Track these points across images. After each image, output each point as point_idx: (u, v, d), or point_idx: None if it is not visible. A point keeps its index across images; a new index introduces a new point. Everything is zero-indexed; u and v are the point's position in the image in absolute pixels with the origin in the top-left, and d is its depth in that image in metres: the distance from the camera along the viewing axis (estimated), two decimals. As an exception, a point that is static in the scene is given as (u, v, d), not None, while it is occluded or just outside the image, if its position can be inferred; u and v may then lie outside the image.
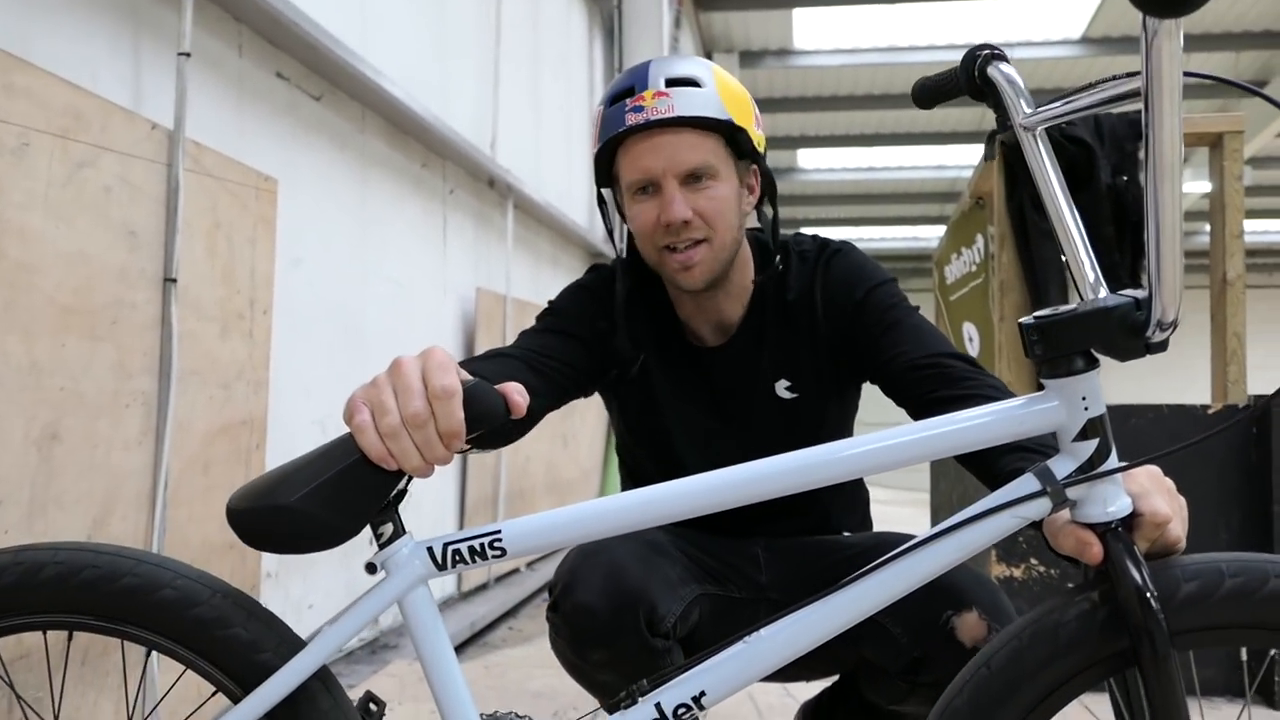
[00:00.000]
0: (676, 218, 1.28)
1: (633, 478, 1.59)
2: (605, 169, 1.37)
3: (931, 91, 1.12)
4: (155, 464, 1.93)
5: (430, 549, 0.94)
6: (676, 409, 1.46)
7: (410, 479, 0.93)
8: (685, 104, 1.27)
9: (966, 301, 3.34)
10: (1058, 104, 0.93)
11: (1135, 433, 2.48)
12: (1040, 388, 0.94)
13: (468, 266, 4.04)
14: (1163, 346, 0.86)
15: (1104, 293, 0.89)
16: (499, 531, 0.93)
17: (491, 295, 4.17)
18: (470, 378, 0.92)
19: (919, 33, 9.30)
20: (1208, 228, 2.65)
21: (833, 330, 1.40)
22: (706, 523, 1.25)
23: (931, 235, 15.15)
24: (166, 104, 2.00)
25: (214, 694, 0.98)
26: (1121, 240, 2.56)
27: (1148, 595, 0.85)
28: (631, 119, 1.27)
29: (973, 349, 3.25)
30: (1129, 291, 0.88)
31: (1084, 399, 0.89)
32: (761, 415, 1.45)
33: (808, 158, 12.96)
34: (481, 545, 0.93)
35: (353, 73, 2.78)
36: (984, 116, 11.04)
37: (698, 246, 1.31)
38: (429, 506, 3.59)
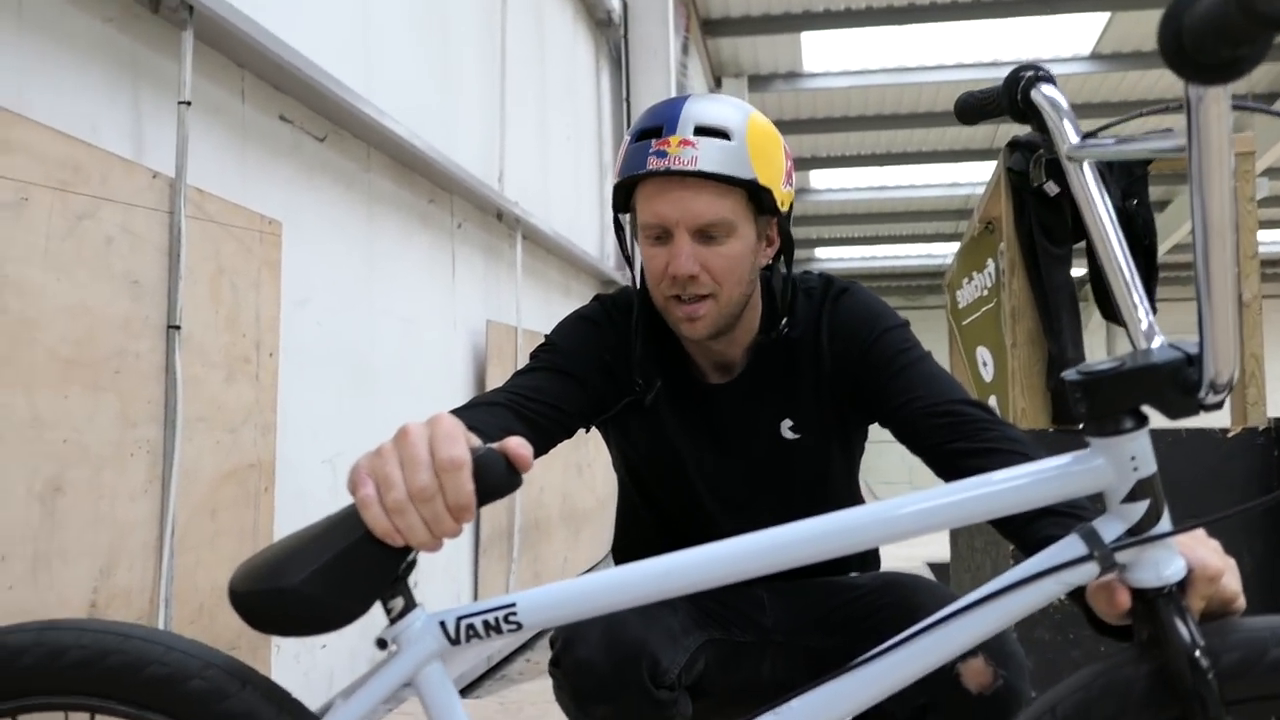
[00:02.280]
0: (682, 272, 1.26)
1: (638, 513, 1.56)
2: (625, 198, 1.34)
3: (974, 109, 1.09)
4: (161, 512, 1.92)
5: (443, 623, 0.90)
6: (686, 440, 1.44)
7: (418, 551, 0.89)
8: (709, 158, 1.22)
9: (979, 325, 3.31)
10: (1109, 141, 0.88)
11: (1153, 458, 2.44)
12: (1055, 423, 0.90)
13: (477, 299, 4.04)
14: (1218, 406, 0.80)
15: (1158, 342, 0.84)
16: (514, 605, 0.89)
17: (502, 327, 4.16)
18: (479, 444, 0.88)
19: (927, 53, 9.29)
20: (1221, 247, 2.61)
21: (838, 372, 1.37)
22: None
23: (945, 252, 15.11)
24: (168, 152, 2.01)
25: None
26: (1135, 265, 2.52)
27: (1200, 661, 0.81)
28: (653, 163, 1.23)
29: (986, 374, 3.21)
30: (1179, 343, 0.82)
31: (1133, 459, 0.83)
32: (766, 455, 1.43)
33: (820, 178, 12.97)
34: (496, 619, 0.89)
35: (356, 113, 2.79)
36: (996, 133, 11.01)
37: (703, 301, 1.29)
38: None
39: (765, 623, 1.45)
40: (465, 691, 3.28)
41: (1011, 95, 0.99)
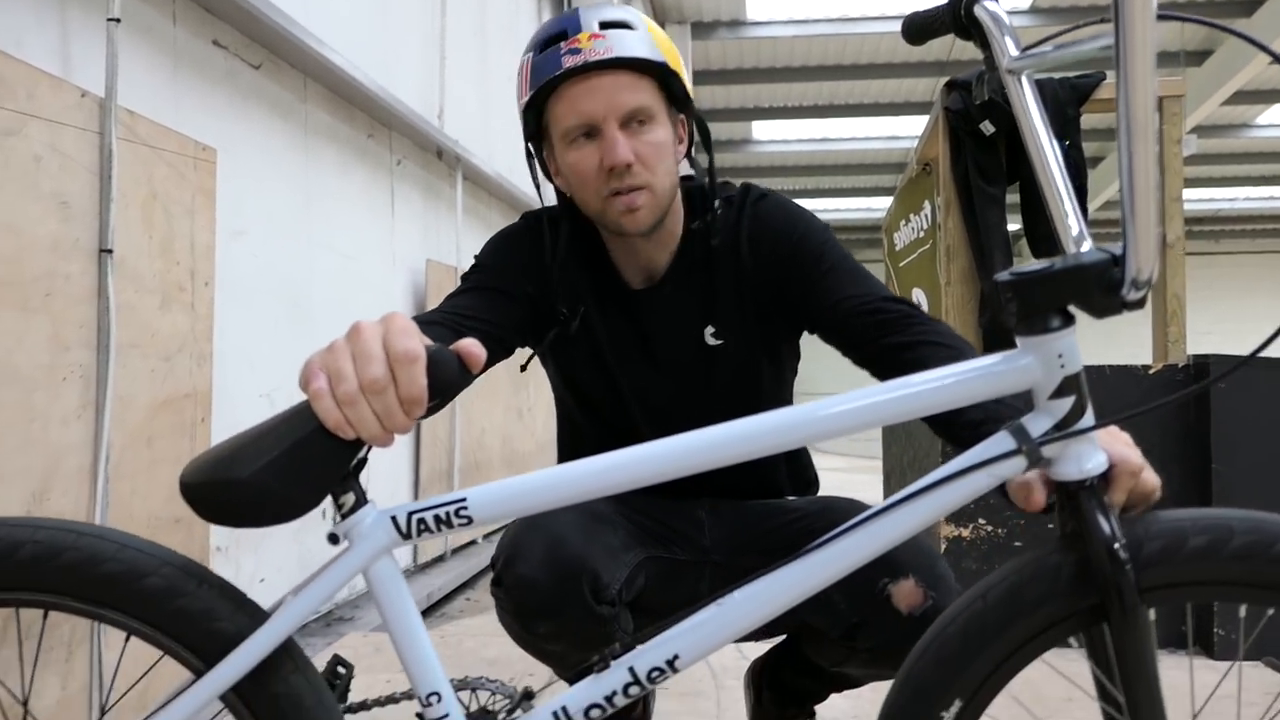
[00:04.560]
0: (621, 160, 1.26)
1: (574, 430, 1.57)
2: (535, 121, 1.34)
3: (919, 27, 1.10)
4: (96, 438, 1.90)
5: (394, 518, 0.91)
6: (614, 347, 1.44)
7: (370, 447, 0.90)
8: (622, 45, 1.25)
9: (915, 267, 3.37)
10: (1047, 48, 0.89)
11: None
12: (986, 351, 0.93)
13: (416, 238, 4.00)
14: (1140, 304, 0.83)
15: (1087, 246, 0.86)
16: (464, 500, 0.91)
17: (441, 267, 4.13)
18: (432, 343, 0.88)
19: (870, 3, 9.31)
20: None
21: (761, 276, 1.38)
22: (650, 485, 1.25)
23: (884, 206, 15.24)
24: (97, 72, 1.95)
25: (159, 659, 0.95)
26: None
27: (1117, 550, 0.84)
28: (569, 61, 1.24)
29: (921, 314, 3.28)
30: (1107, 246, 0.85)
31: (1060, 356, 0.87)
32: (689, 361, 1.44)
33: (762, 129, 12.97)
34: (447, 513, 0.90)
35: (293, 41, 2.73)
36: (936, 87, 11.10)
37: (640, 191, 1.29)
38: (382, 482, 3.57)
39: (704, 543, 1.47)
40: (405, 627, 3.30)
41: (955, 11, 1.00)
